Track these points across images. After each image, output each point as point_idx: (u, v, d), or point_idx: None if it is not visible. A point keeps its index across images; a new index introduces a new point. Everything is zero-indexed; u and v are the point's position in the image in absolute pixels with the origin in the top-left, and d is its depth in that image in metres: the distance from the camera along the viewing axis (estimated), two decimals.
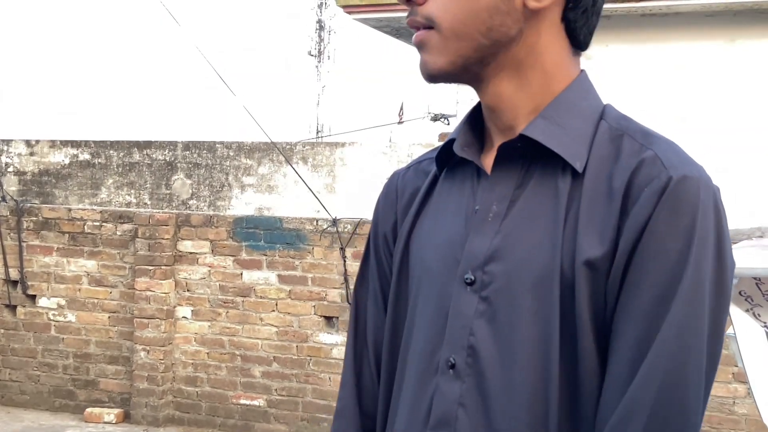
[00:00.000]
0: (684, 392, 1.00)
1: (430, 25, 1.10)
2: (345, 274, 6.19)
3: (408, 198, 1.26)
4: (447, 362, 1.11)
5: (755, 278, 2.40)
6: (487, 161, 1.15)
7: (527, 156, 1.11)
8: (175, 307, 6.64)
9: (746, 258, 2.30)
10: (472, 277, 1.10)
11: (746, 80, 6.40)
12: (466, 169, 1.18)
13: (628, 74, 6.63)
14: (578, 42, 1.14)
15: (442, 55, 1.10)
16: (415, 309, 1.18)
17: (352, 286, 6.13)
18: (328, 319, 6.30)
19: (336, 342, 6.26)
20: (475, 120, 1.19)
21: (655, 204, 1.01)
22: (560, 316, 1.04)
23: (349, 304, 6.17)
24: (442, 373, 1.11)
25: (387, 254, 1.27)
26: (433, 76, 1.13)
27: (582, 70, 1.17)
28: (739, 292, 2.43)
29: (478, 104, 1.19)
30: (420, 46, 1.12)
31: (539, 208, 1.08)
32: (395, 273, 1.23)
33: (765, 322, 2.43)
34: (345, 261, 6.18)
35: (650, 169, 1.03)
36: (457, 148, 1.17)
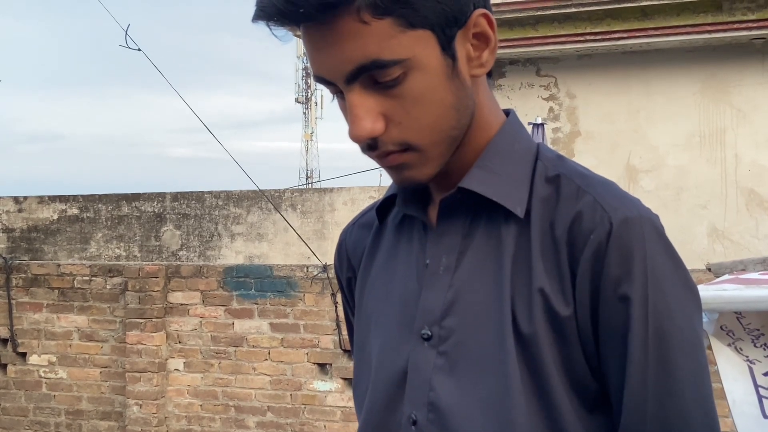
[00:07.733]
0: None
1: (404, 148, 1.05)
2: (337, 320, 6.15)
3: (359, 255, 1.27)
4: (409, 419, 1.10)
5: (736, 312, 2.39)
6: (433, 213, 1.15)
7: (471, 206, 1.11)
8: (167, 359, 6.58)
9: (727, 292, 2.30)
10: (429, 333, 1.10)
11: (726, 113, 6.45)
12: (413, 222, 1.18)
13: (610, 111, 6.68)
14: (489, 74, 1.14)
15: (427, 166, 1.07)
16: (370, 365, 1.17)
17: (344, 332, 6.09)
18: (322, 366, 6.25)
19: (330, 389, 6.20)
20: None
21: (605, 251, 1.01)
22: (523, 366, 1.03)
23: (342, 350, 6.13)
24: (404, 429, 1.10)
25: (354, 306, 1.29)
26: (422, 183, 1.10)
27: (510, 111, 1.17)
28: (720, 327, 2.42)
29: None
30: (400, 168, 1.08)
31: (488, 258, 1.09)
32: (357, 330, 1.24)
33: (747, 356, 2.42)
34: (336, 307, 6.15)
35: (592, 216, 1.03)
36: (399, 203, 1.18)
